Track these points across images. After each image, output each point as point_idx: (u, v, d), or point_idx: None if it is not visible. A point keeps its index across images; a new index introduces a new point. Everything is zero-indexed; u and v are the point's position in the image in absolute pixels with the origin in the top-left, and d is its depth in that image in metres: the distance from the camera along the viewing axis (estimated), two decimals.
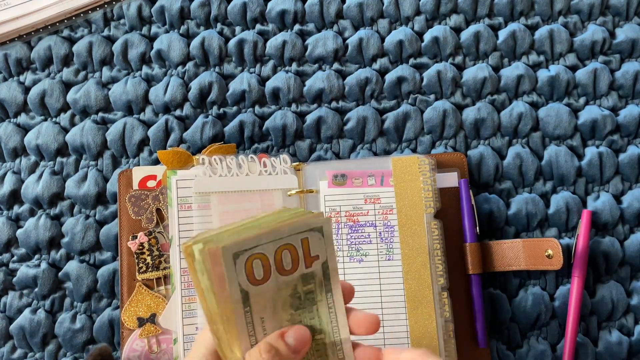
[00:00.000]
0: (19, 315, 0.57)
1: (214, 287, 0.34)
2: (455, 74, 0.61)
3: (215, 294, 0.34)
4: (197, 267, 0.34)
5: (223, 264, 0.34)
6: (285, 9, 0.62)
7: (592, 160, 0.59)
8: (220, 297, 0.34)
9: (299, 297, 0.37)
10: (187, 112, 0.60)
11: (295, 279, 0.36)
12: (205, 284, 0.35)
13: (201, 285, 0.35)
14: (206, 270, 0.34)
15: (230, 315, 0.35)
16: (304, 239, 0.36)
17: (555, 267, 0.53)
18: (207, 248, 0.34)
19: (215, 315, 0.35)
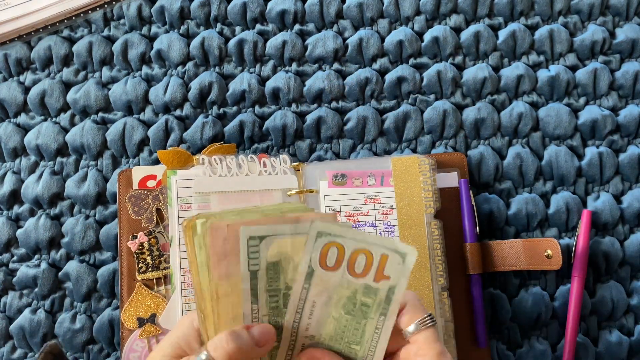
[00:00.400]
0: (19, 315, 0.57)
1: (210, 262, 0.35)
2: (455, 74, 0.61)
3: (209, 270, 0.35)
4: (197, 241, 0.35)
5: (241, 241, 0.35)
6: (285, 9, 0.62)
7: (592, 160, 0.59)
8: (213, 273, 0.35)
9: (354, 303, 0.37)
10: (187, 112, 0.60)
11: (358, 285, 0.37)
12: (201, 259, 0.35)
13: (197, 260, 0.36)
14: (204, 246, 0.35)
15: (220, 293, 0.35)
16: (384, 254, 0.37)
17: (555, 267, 0.53)
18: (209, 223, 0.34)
19: (205, 292, 0.36)
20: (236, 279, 0.36)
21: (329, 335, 0.38)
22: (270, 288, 0.37)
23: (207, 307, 0.36)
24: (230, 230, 0.35)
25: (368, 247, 0.37)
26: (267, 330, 0.36)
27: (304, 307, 0.37)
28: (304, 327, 0.38)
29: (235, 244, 0.35)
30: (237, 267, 0.36)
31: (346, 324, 0.38)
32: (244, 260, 0.36)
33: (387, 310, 0.37)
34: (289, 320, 0.37)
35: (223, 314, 0.36)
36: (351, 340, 0.38)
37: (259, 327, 0.36)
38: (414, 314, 0.38)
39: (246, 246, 0.35)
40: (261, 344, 0.36)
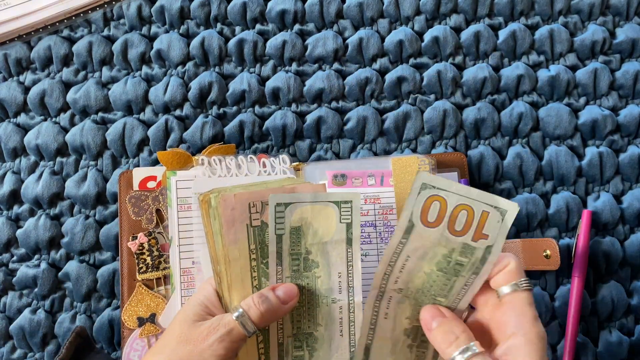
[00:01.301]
0: (18, 315, 0.57)
1: (222, 230, 0.40)
2: (455, 74, 0.61)
3: (222, 237, 0.40)
4: (211, 212, 0.40)
5: (270, 208, 0.40)
6: (285, 8, 0.62)
7: (593, 160, 0.59)
8: (226, 239, 0.40)
9: (449, 261, 0.38)
10: (187, 112, 0.60)
11: (457, 244, 0.38)
12: (215, 228, 0.40)
13: (212, 229, 0.41)
14: (218, 216, 0.40)
15: (238, 257, 0.40)
16: (485, 211, 0.37)
17: (553, 267, 0.53)
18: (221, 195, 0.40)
19: (220, 257, 0.41)
20: (243, 244, 0.41)
21: (417, 288, 0.40)
22: (293, 252, 0.41)
23: (222, 270, 0.41)
24: (237, 199, 0.40)
25: (470, 203, 0.37)
26: (290, 289, 0.41)
27: (397, 261, 0.39)
28: (393, 279, 0.40)
29: (242, 211, 0.40)
30: (244, 233, 0.41)
31: (436, 279, 0.39)
32: (272, 225, 0.40)
33: (480, 270, 0.38)
34: (380, 271, 0.39)
35: (234, 276, 0.41)
36: (438, 293, 0.39)
37: (283, 287, 0.41)
38: (511, 274, 0.37)
39: (274, 212, 0.40)
40: (286, 302, 0.40)
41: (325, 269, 0.42)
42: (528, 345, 0.35)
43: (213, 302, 0.41)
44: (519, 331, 0.35)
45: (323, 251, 0.42)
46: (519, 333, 0.35)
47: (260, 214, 0.41)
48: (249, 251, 0.41)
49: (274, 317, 0.40)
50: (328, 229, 0.42)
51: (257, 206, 0.41)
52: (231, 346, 0.38)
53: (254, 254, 0.41)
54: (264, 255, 0.41)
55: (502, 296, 0.37)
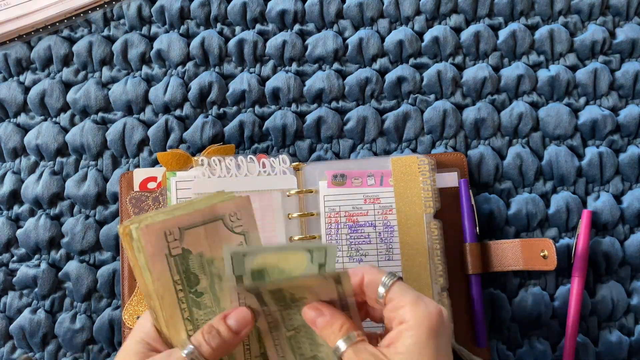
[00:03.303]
0: (18, 315, 0.57)
1: (149, 264, 0.37)
2: (455, 74, 0.61)
3: (150, 271, 0.37)
4: (135, 245, 0.37)
5: (152, 242, 0.37)
6: (285, 8, 0.62)
7: (592, 160, 0.59)
8: (153, 273, 0.37)
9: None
10: (187, 112, 0.60)
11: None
12: (141, 261, 0.37)
13: (138, 263, 0.38)
14: (142, 248, 0.37)
15: (163, 292, 0.38)
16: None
17: (550, 267, 0.53)
18: (142, 225, 0.37)
19: (151, 292, 0.38)
20: (166, 276, 0.38)
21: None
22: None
23: (156, 305, 0.38)
24: (149, 230, 0.37)
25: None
26: (242, 316, 0.39)
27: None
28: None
29: (159, 242, 0.37)
30: (164, 264, 0.38)
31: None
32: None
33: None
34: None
35: (168, 310, 0.38)
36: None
37: (235, 315, 0.39)
38: (373, 279, 0.38)
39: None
40: (239, 332, 0.38)
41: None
42: (410, 330, 0.35)
43: (153, 338, 0.39)
44: (402, 317, 0.36)
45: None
46: (402, 319, 0.36)
47: (179, 242, 0.38)
48: (174, 283, 0.38)
49: (228, 349, 0.39)
50: (297, 269, 0.38)
51: (174, 234, 0.38)
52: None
53: (179, 284, 0.38)
54: (190, 285, 0.39)
55: (380, 300, 0.38)
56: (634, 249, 0.57)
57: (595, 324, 0.57)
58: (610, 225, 0.58)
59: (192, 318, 0.39)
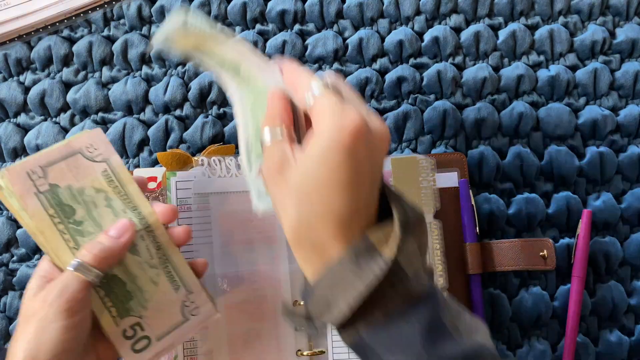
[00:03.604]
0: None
1: (22, 204, 0.40)
2: (455, 74, 0.61)
3: (26, 211, 0.40)
4: (6, 193, 0.40)
5: (18, 183, 0.40)
6: (285, 9, 0.62)
7: (593, 160, 0.59)
8: (28, 212, 0.40)
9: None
10: (187, 112, 0.60)
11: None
12: (16, 205, 0.40)
13: (15, 208, 0.41)
14: (12, 193, 0.40)
15: (42, 227, 0.40)
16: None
17: (549, 267, 0.53)
18: (5, 170, 0.40)
19: (33, 229, 0.41)
20: (40, 213, 0.40)
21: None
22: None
23: (42, 242, 0.41)
24: (11, 173, 0.40)
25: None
26: (121, 224, 0.41)
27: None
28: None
29: (25, 183, 0.40)
30: (37, 202, 0.40)
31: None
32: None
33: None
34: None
35: (53, 243, 0.41)
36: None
37: (114, 226, 0.41)
38: (302, 85, 0.38)
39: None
40: (120, 236, 0.40)
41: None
42: (316, 137, 0.34)
43: (50, 272, 0.40)
44: (316, 124, 0.35)
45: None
46: (317, 126, 0.35)
47: (44, 179, 0.41)
48: (50, 217, 0.41)
49: (112, 255, 0.40)
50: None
51: (37, 172, 0.41)
52: (72, 297, 0.37)
53: (56, 217, 0.41)
54: (67, 216, 0.41)
55: (308, 108, 0.37)
56: (634, 249, 0.57)
57: (595, 324, 0.57)
58: (611, 225, 0.58)
59: (78, 246, 0.41)
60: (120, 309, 0.42)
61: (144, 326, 0.42)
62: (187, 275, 0.45)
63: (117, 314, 0.42)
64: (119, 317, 0.42)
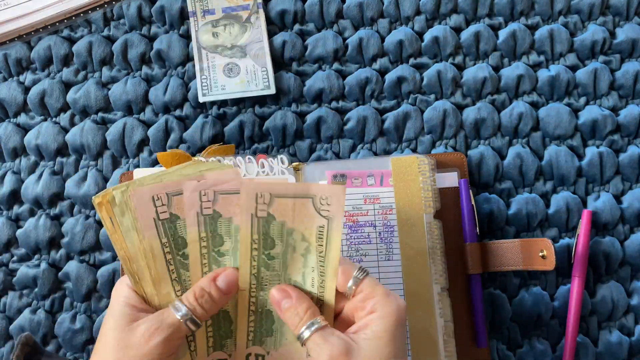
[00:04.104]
0: (18, 315, 0.57)
1: (137, 225, 0.39)
2: (455, 74, 0.61)
3: (138, 231, 0.39)
4: (117, 210, 0.39)
5: (142, 205, 0.39)
6: (285, 9, 0.62)
7: (593, 160, 0.59)
8: (142, 235, 0.39)
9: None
10: (187, 112, 0.60)
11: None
12: (126, 224, 0.39)
13: (121, 228, 0.39)
14: (129, 210, 0.39)
15: (152, 254, 0.39)
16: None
17: (549, 267, 0.53)
18: (131, 189, 0.39)
19: (138, 253, 0.39)
20: (154, 238, 0.39)
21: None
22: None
23: (141, 267, 0.39)
24: (137, 194, 0.39)
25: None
26: (230, 278, 0.40)
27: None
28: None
29: (147, 205, 0.39)
30: (153, 227, 0.39)
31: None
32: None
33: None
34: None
35: (156, 273, 0.40)
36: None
37: (224, 277, 0.40)
38: (345, 273, 0.40)
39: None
40: (228, 292, 0.40)
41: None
42: (381, 318, 0.37)
43: (136, 301, 0.40)
44: (372, 308, 0.38)
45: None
46: (373, 309, 0.38)
47: (167, 207, 0.40)
48: (162, 245, 0.40)
49: (217, 308, 0.40)
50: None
51: (161, 199, 0.39)
52: (175, 343, 0.39)
53: (167, 247, 0.40)
54: (178, 248, 0.40)
55: (349, 293, 0.39)
56: (634, 249, 0.57)
57: (595, 324, 0.57)
58: (611, 225, 0.58)
59: (180, 279, 0.41)
60: (217, 342, 0.42)
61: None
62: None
63: (212, 345, 0.42)
64: (213, 349, 0.42)
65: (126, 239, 0.39)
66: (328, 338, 0.37)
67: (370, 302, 0.38)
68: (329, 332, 0.38)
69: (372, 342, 0.37)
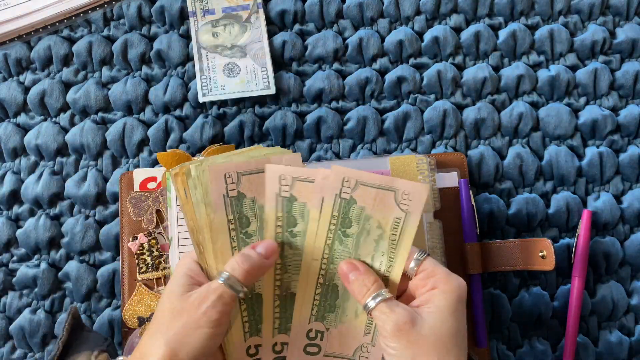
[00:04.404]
0: (18, 315, 0.57)
1: (206, 199, 0.41)
2: (455, 74, 0.61)
3: (206, 205, 0.41)
4: (192, 183, 0.41)
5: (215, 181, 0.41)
6: (285, 9, 0.62)
7: (593, 160, 0.59)
8: (209, 207, 0.41)
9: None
10: (186, 112, 0.60)
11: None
12: (198, 196, 0.41)
13: (192, 200, 0.41)
14: (200, 185, 0.41)
15: (218, 228, 0.41)
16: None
17: (549, 267, 0.53)
18: (206, 165, 0.41)
19: (203, 225, 0.41)
20: (221, 214, 0.41)
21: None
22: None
23: (206, 238, 0.41)
24: (212, 170, 0.41)
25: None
26: (269, 245, 0.42)
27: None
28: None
29: (219, 182, 0.41)
30: (222, 203, 0.41)
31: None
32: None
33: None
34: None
35: (218, 243, 0.41)
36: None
37: (262, 244, 0.42)
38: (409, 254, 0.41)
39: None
40: (268, 257, 0.41)
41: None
42: (443, 294, 0.39)
43: (196, 273, 0.42)
44: (434, 284, 0.40)
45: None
46: (435, 286, 0.39)
47: (236, 185, 0.42)
48: (228, 222, 0.42)
49: (259, 272, 0.42)
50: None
51: (232, 177, 0.41)
52: (224, 309, 0.39)
53: (232, 224, 0.42)
54: (242, 226, 0.42)
55: (411, 273, 0.41)
56: (634, 249, 0.57)
57: (595, 324, 0.57)
58: (611, 225, 0.58)
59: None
60: (253, 327, 0.43)
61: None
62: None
63: (249, 330, 0.43)
64: (249, 334, 0.43)
65: (196, 211, 0.41)
66: (394, 308, 0.39)
67: (431, 280, 0.40)
68: (394, 303, 0.39)
69: (435, 315, 0.38)
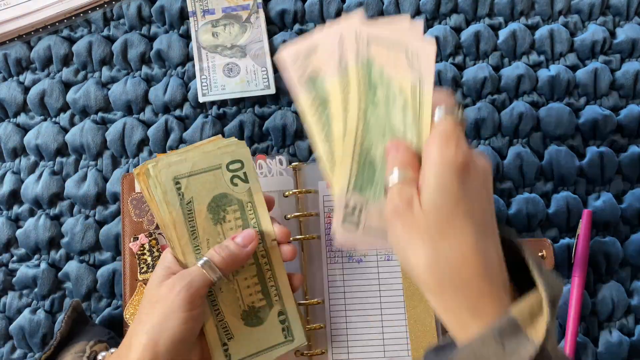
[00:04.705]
0: (18, 315, 0.57)
1: (166, 197, 0.44)
2: (455, 74, 0.61)
3: (167, 203, 0.44)
4: (152, 183, 0.44)
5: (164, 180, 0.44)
6: (285, 8, 0.62)
7: (593, 160, 0.59)
8: (170, 204, 0.44)
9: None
10: (186, 112, 0.60)
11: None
12: (159, 196, 0.44)
13: (155, 198, 0.44)
14: (159, 184, 0.44)
15: (176, 223, 0.44)
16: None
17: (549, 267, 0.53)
18: (158, 164, 0.44)
19: (168, 222, 0.44)
20: (178, 210, 0.45)
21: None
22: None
23: (172, 235, 0.45)
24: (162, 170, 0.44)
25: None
26: (248, 234, 0.45)
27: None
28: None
29: (169, 182, 0.44)
30: (176, 200, 0.45)
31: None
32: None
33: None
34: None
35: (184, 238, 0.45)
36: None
37: (242, 234, 0.45)
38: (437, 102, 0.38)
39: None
40: (246, 245, 0.45)
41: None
42: (430, 168, 0.35)
43: (174, 264, 0.44)
44: (428, 154, 0.36)
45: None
46: (428, 156, 0.35)
47: (184, 188, 0.45)
48: (185, 216, 0.45)
49: (236, 261, 0.44)
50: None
51: (181, 183, 0.45)
52: (198, 292, 0.42)
53: (189, 218, 0.45)
54: (192, 224, 0.45)
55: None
56: (635, 249, 0.57)
57: (595, 324, 0.57)
58: (611, 225, 0.58)
59: (200, 249, 0.45)
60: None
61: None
62: (287, 295, 0.48)
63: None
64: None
65: (160, 209, 0.44)
66: (402, 190, 0.35)
67: (429, 146, 0.36)
68: (408, 186, 0.36)
69: (428, 193, 0.35)
